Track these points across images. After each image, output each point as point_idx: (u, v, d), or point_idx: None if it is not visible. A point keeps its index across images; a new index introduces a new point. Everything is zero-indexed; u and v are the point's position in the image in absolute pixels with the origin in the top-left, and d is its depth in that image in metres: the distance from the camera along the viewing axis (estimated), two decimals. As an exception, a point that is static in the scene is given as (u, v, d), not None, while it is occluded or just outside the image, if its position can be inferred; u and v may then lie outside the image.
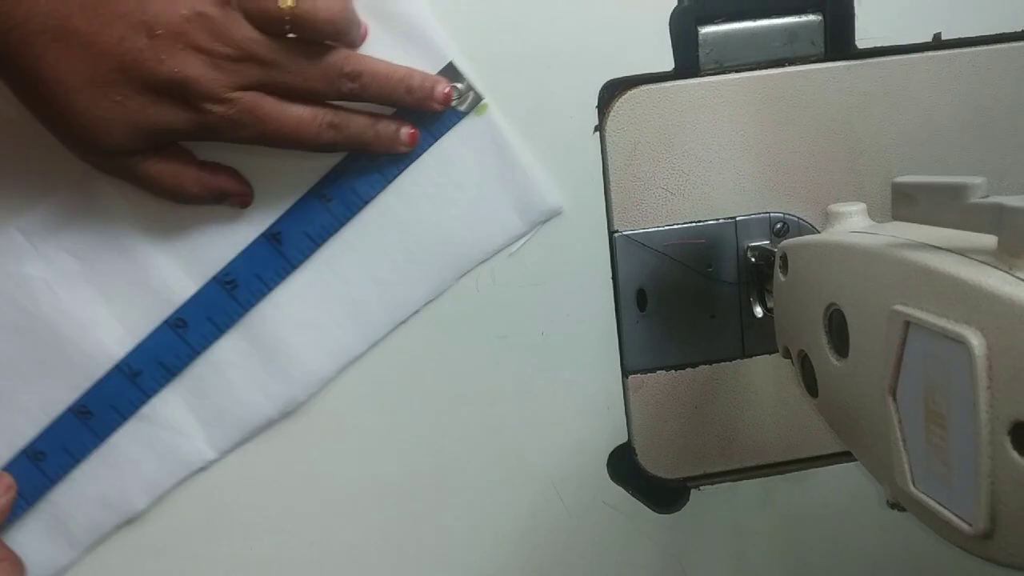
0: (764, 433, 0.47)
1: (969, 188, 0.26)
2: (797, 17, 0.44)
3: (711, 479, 0.48)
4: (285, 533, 0.45)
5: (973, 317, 0.24)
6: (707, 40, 0.43)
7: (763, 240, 0.45)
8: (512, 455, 0.46)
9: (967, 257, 0.26)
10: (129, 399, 0.42)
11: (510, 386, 0.45)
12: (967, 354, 0.24)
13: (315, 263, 0.43)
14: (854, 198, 0.45)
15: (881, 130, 0.45)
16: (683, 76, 0.44)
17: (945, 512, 0.27)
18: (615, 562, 0.48)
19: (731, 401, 0.47)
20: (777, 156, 0.45)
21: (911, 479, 0.29)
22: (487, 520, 0.47)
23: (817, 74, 0.44)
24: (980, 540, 0.25)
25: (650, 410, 0.46)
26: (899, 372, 0.28)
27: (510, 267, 0.44)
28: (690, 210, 0.45)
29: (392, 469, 0.45)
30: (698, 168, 0.44)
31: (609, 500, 0.47)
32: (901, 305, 0.28)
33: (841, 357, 0.33)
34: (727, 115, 0.44)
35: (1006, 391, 0.23)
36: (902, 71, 0.45)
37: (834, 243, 0.33)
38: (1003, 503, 0.24)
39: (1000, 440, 0.24)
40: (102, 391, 0.42)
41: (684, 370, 0.46)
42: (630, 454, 0.47)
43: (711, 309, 0.46)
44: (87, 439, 0.42)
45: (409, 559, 0.46)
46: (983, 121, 0.45)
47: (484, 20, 0.42)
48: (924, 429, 0.27)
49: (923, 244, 0.28)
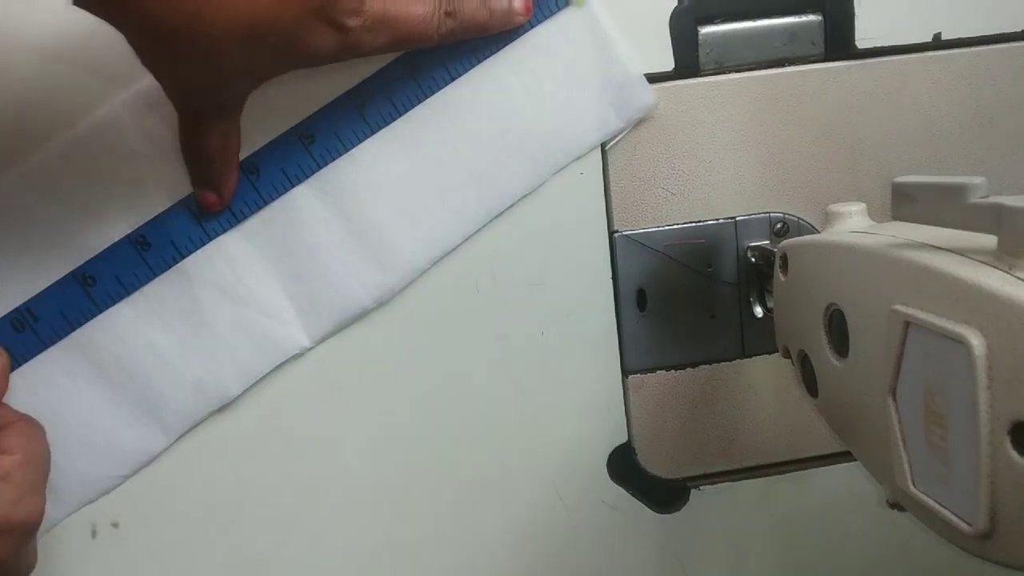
0: (764, 433, 0.47)
1: (969, 188, 0.25)
2: (797, 17, 0.44)
3: (711, 479, 0.48)
4: (283, 532, 0.45)
5: (973, 317, 0.24)
6: (707, 40, 0.43)
7: (763, 240, 0.45)
8: (512, 455, 0.46)
9: (967, 257, 0.26)
10: (191, 238, 0.41)
11: (510, 386, 0.45)
12: (967, 354, 0.24)
13: (413, 153, 0.42)
14: (854, 198, 0.45)
15: (881, 130, 0.45)
16: (683, 76, 0.44)
17: (945, 512, 0.27)
18: (615, 562, 0.48)
19: (731, 401, 0.47)
20: (777, 156, 0.45)
21: (911, 479, 0.29)
22: (486, 520, 0.47)
23: (817, 74, 0.44)
24: (980, 540, 0.25)
25: (650, 410, 0.46)
26: (899, 372, 0.28)
27: (510, 267, 0.44)
28: (690, 210, 0.45)
29: (390, 468, 0.45)
30: (698, 168, 0.44)
31: (609, 500, 0.47)
32: (901, 305, 0.28)
33: (841, 357, 0.33)
34: (727, 115, 0.44)
35: (1006, 391, 0.23)
36: (902, 71, 0.45)
37: (834, 243, 0.33)
38: (1003, 503, 0.24)
39: (1000, 440, 0.24)
40: (163, 226, 0.41)
41: (684, 370, 0.46)
42: (630, 454, 0.47)
43: (711, 309, 0.46)
44: (141, 271, 0.41)
45: (408, 559, 0.46)
46: (983, 121, 0.45)
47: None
48: (924, 429, 0.27)
49: (923, 244, 0.28)
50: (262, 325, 0.42)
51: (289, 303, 0.43)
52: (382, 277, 0.43)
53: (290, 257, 0.42)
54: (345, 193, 0.42)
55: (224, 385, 0.43)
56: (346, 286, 0.43)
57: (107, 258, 0.41)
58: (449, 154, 0.43)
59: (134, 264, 0.41)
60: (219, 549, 0.45)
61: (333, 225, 0.42)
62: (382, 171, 0.42)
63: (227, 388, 0.43)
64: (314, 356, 0.44)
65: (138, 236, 0.41)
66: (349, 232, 0.42)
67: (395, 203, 0.43)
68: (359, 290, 0.43)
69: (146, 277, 0.41)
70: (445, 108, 0.42)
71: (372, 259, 0.43)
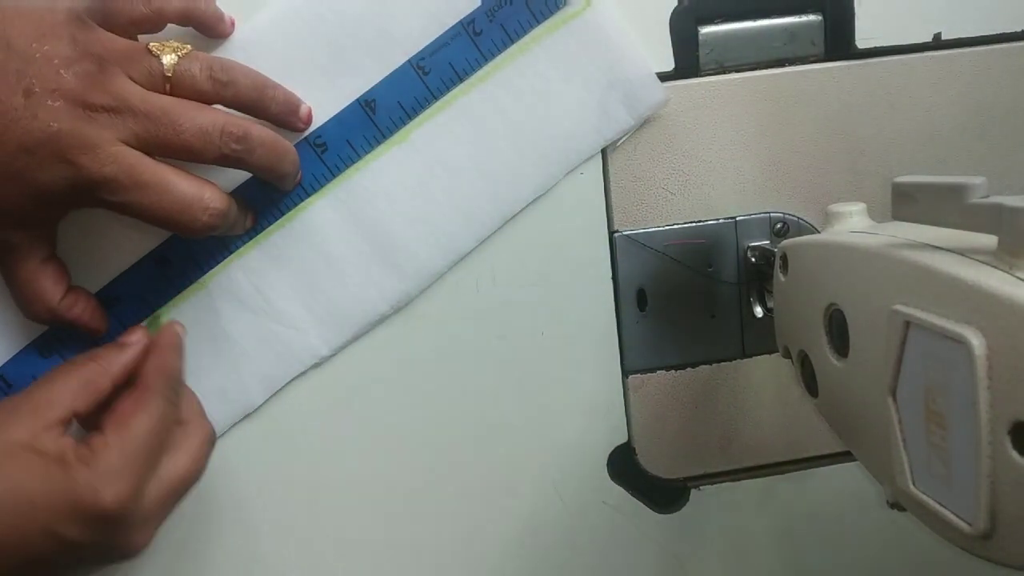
0: (764, 433, 0.47)
1: (969, 188, 0.26)
2: (797, 17, 0.44)
3: (711, 479, 0.48)
4: (282, 533, 0.45)
5: (973, 317, 0.24)
6: (707, 40, 0.43)
7: (763, 240, 0.45)
8: (512, 455, 0.46)
9: (967, 257, 0.26)
10: (211, 253, 0.42)
11: (510, 386, 0.45)
12: (967, 354, 0.24)
13: (425, 159, 0.42)
14: (854, 198, 0.44)
15: (881, 130, 0.45)
16: (683, 76, 0.44)
17: (945, 512, 0.27)
18: (615, 562, 0.48)
19: (731, 401, 0.47)
20: (777, 156, 0.45)
21: (911, 479, 0.29)
22: (487, 520, 0.47)
23: (817, 74, 0.44)
24: (980, 540, 0.25)
25: (650, 410, 0.46)
26: (899, 372, 0.28)
27: (510, 267, 0.44)
28: (690, 210, 0.45)
29: (391, 469, 0.45)
30: (698, 168, 0.44)
31: (609, 500, 0.47)
32: (901, 305, 0.28)
33: (841, 357, 0.33)
34: (727, 115, 0.44)
35: (1006, 391, 0.23)
36: (902, 71, 0.45)
37: (834, 243, 0.33)
38: (1003, 503, 0.24)
39: (1000, 440, 0.24)
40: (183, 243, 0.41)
41: (684, 370, 0.46)
42: (630, 454, 0.47)
43: (711, 309, 0.46)
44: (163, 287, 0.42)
45: (408, 560, 0.46)
46: (983, 121, 0.45)
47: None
48: (924, 429, 0.27)
49: (923, 244, 0.28)
50: (281, 335, 0.43)
51: (307, 313, 0.43)
52: (399, 283, 0.43)
53: (307, 267, 0.43)
54: (359, 201, 0.42)
55: (247, 394, 0.43)
56: (363, 293, 0.43)
57: (130, 279, 0.41)
58: (461, 158, 0.43)
59: (156, 281, 0.42)
60: (219, 550, 0.45)
61: (349, 233, 0.43)
62: (395, 178, 0.43)
63: (250, 397, 0.43)
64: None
65: (158, 255, 0.41)
66: (365, 239, 0.43)
67: (409, 209, 0.43)
68: (376, 297, 0.43)
69: (169, 294, 0.42)
70: (455, 112, 0.42)
71: (389, 265, 0.43)
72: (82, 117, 0.33)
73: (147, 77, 0.35)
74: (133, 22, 0.37)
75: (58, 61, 0.33)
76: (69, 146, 0.33)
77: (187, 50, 0.36)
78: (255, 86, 0.38)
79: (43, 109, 0.33)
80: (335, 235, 0.43)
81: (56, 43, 0.33)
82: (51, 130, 0.33)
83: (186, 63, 0.36)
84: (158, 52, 0.36)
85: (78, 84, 0.33)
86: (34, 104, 0.33)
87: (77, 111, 0.33)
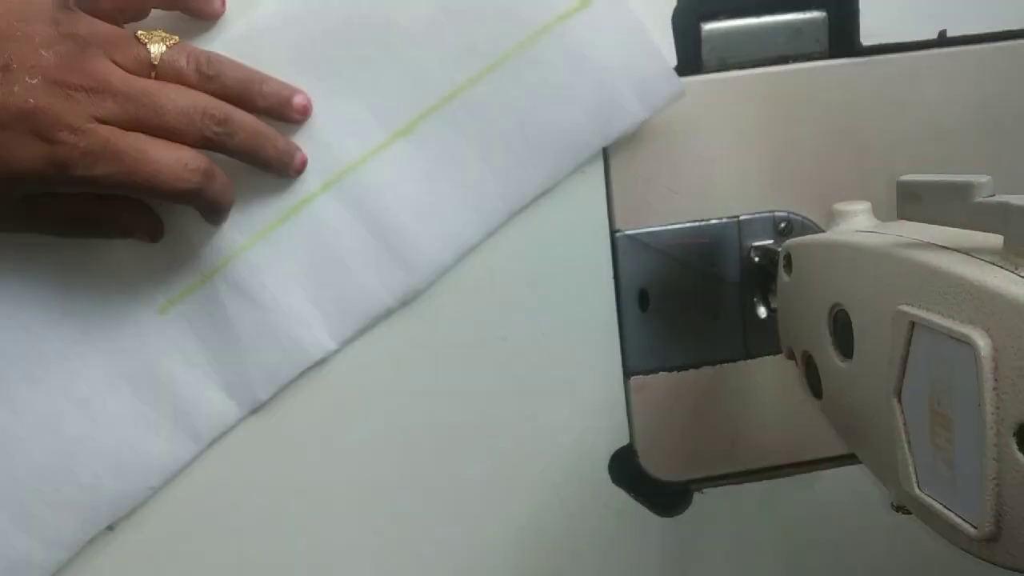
0: (767, 435, 0.47)
1: (975, 187, 0.25)
2: (801, 14, 0.43)
3: (714, 482, 0.48)
4: (281, 533, 0.45)
5: (979, 317, 0.24)
6: (710, 37, 0.43)
7: (767, 239, 0.45)
8: (512, 457, 0.46)
9: (973, 257, 0.26)
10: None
11: (510, 387, 0.45)
12: (973, 355, 0.24)
13: (433, 151, 0.42)
14: (859, 197, 0.44)
15: (886, 128, 0.45)
16: (686, 73, 0.43)
17: (950, 515, 0.27)
18: (616, 566, 0.48)
19: (734, 403, 0.47)
20: (781, 154, 0.45)
21: (916, 481, 0.29)
22: (487, 522, 0.47)
23: (821, 71, 0.44)
24: (985, 543, 0.25)
25: (652, 412, 0.46)
26: (904, 373, 0.28)
27: (510, 267, 0.44)
28: (693, 209, 0.45)
29: (390, 470, 0.45)
30: (701, 166, 0.44)
31: (611, 503, 0.47)
32: (906, 305, 0.27)
33: (845, 358, 0.33)
34: (730, 113, 0.44)
35: (1012, 392, 0.23)
36: (907, 69, 0.44)
37: (839, 242, 0.33)
38: (1008, 506, 0.24)
39: (1006, 442, 0.23)
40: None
41: (687, 371, 0.46)
42: (632, 456, 0.47)
43: (714, 309, 0.45)
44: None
45: (407, 561, 0.46)
46: (989, 119, 0.45)
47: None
48: (929, 431, 0.27)
49: (928, 244, 0.28)
50: (288, 330, 0.43)
51: (313, 307, 0.43)
52: (407, 276, 0.43)
53: (312, 261, 0.42)
54: (366, 194, 0.42)
55: (253, 390, 0.43)
56: (370, 287, 0.43)
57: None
58: (469, 150, 0.42)
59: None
60: (217, 551, 0.45)
61: (355, 227, 0.42)
62: (401, 170, 0.42)
63: (256, 393, 0.43)
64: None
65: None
66: (371, 233, 0.42)
67: (416, 201, 0.42)
68: (383, 291, 0.43)
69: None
70: (463, 104, 0.42)
71: (395, 259, 0.43)
72: (60, 95, 0.34)
73: (132, 63, 0.36)
74: (118, 7, 0.37)
75: (39, 40, 0.33)
76: (45, 123, 0.33)
77: (175, 40, 0.37)
78: (241, 80, 0.38)
79: (20, 85, 0.33)
80: (340, 228, 0.42)
81: (38, 24, 0.34)
82: (27, 106, 0.33)
83: (173, 53, 0.36)
84: (145, 40, 0.36)
85: (57, 63, 0.33)
86: (11, 80, 0.33)
87: (54, 88, 0.33)
